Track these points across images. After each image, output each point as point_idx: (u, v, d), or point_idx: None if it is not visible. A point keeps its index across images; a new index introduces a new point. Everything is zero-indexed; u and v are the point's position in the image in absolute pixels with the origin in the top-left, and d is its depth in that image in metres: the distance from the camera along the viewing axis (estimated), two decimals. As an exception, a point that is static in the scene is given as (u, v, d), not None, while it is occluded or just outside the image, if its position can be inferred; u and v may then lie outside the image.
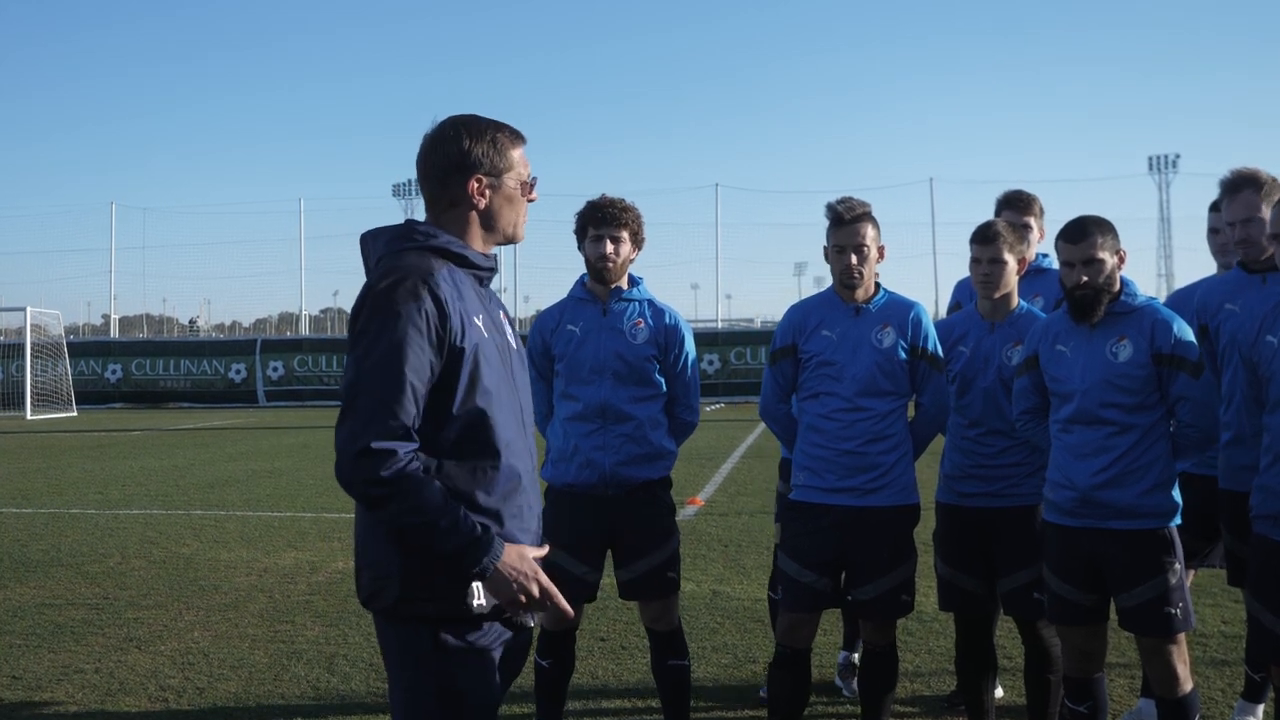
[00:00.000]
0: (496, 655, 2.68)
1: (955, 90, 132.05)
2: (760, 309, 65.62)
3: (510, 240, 2.81)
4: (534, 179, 2.81)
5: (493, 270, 2.79)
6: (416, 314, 2.52)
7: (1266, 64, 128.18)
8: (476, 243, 2.75)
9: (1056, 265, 5.39)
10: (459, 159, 2.70)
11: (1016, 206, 5.35)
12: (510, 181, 2.75)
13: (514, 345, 2.84)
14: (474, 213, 2.73)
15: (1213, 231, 4.94)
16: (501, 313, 2.85)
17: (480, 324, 2.65)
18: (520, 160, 2.77)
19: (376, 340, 2.52)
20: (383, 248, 2.72)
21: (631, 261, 4.57)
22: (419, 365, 2.52)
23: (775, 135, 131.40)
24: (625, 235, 4.46)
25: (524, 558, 2.59)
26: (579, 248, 4.56)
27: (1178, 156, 52.57)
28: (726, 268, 41.64)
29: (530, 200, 2.81)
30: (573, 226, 4.57)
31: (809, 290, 52.00)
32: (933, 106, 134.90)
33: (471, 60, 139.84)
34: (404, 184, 53.99)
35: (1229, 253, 4.83)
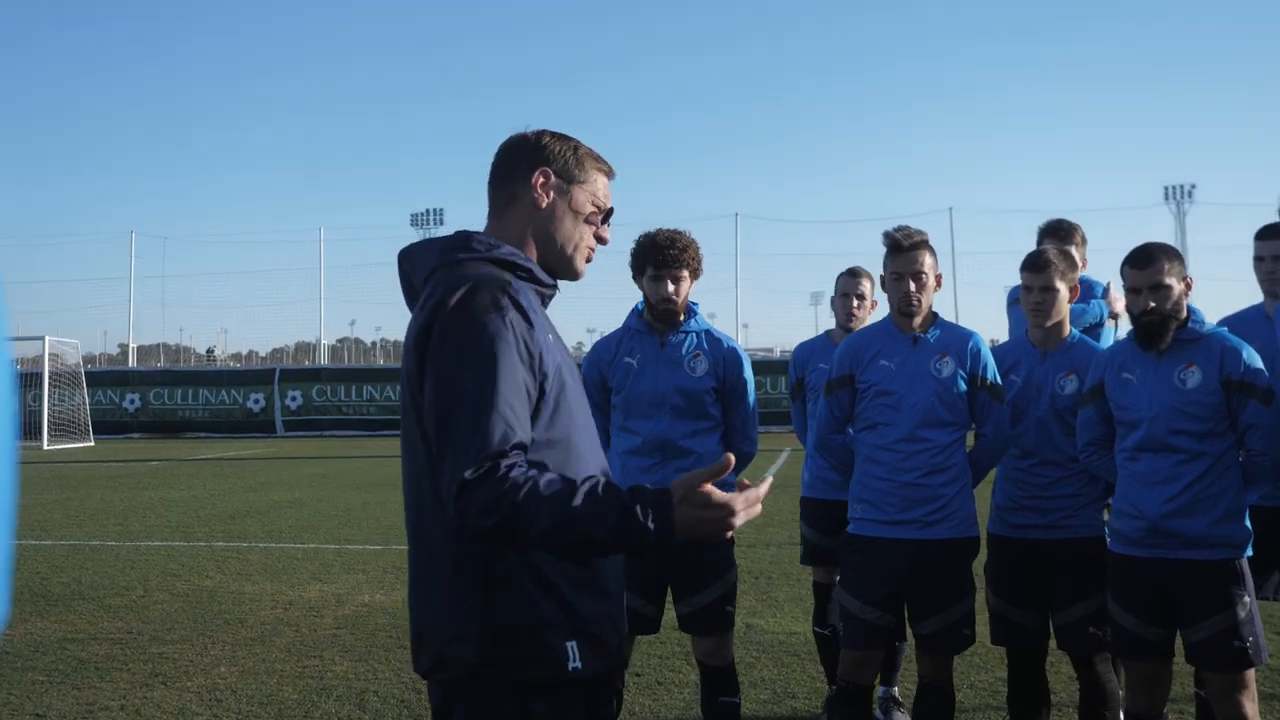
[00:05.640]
0: None
1: (974, 119, 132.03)
2: (775, 338, 65.55)
3: (565, 263, 2.44)
4: (610, 209, 2.50)
5: (554, 288, 2.47)
6: (502, 326, 2.17)
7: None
8: (535, 257, 2.44)
9: (1099, 293, 5.36)
10: (532, 151, 2.43)
11: (1058, 235, 5.34)
12: (581, 195, 2.43)
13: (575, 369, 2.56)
14: (532, 216, 2.41)
15: (1258, 259, 4.84)
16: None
17: (554, 344, 2.35)
18: (600, 184, 2.48)
19: (461, 364, 2.15)
20: (435, 259, 2.38)
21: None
22: (514, 384, 2.15)
23: (792, 165, 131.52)
24: (686, 274, 4.39)
25: (689, 487, 2.10)
26: (635, 281, 4.47)
27: (1194, 186, 52.46)
28: (743, 297, 41.63)
29: (599, 233, 2.48)
30: (627, 260, 4.47)
31: (825, 320, 51.82)
32: (951, 135, 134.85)
33: (491, 88, 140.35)
34: (422, 213, 53.99)
35: (1276, 281, 4.73)
